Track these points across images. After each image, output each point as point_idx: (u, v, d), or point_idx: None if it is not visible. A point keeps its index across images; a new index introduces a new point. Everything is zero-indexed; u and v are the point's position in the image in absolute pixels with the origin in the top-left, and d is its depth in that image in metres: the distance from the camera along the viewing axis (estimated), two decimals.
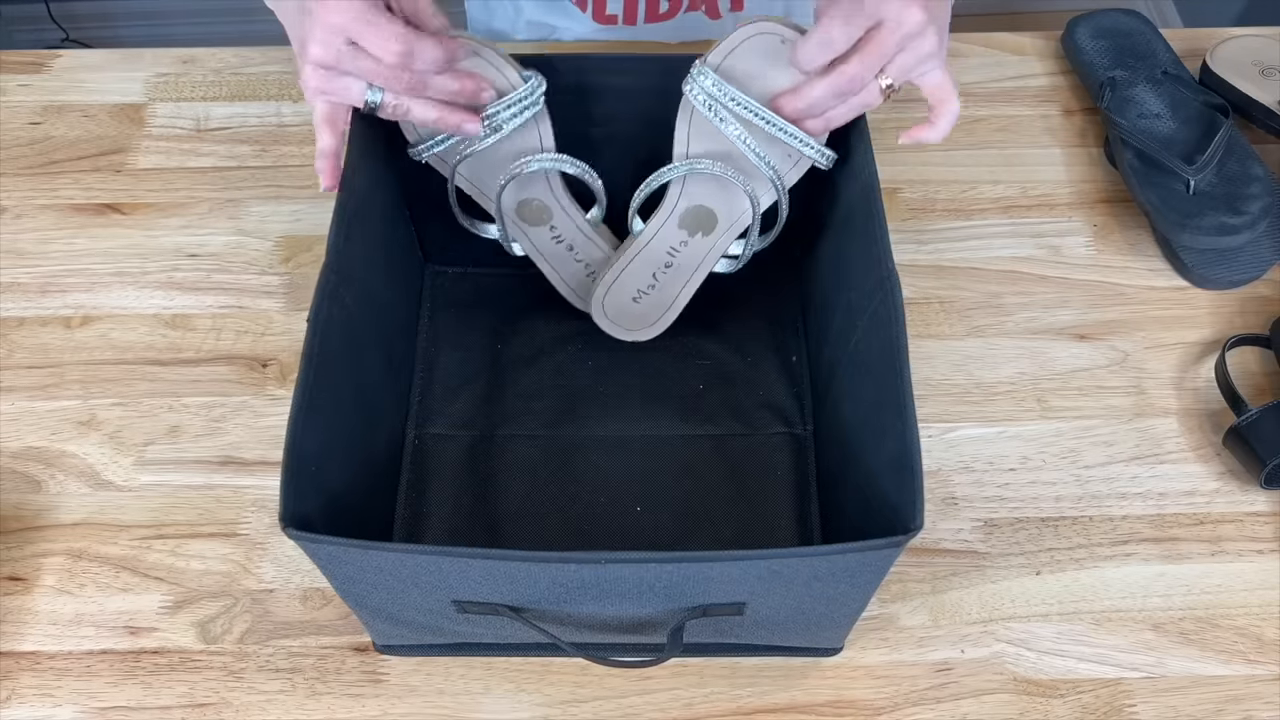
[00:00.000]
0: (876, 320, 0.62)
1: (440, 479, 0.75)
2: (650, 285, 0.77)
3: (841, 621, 0.65)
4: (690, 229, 0.74)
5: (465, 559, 0.54)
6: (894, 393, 0.58)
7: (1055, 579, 0.73)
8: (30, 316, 0.83)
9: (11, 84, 0.95)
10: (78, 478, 0.76)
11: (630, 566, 0.54)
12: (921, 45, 0.64)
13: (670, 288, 0.77)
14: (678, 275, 0.77)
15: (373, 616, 0.64)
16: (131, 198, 0.89)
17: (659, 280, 0.77)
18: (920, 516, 0.54)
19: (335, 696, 0.68)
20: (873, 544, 0.53)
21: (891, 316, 0.60)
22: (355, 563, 0.56)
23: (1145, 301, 0.85)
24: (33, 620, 0.71)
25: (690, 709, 0.68)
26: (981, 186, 0.91)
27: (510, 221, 0.76)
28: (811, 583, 0.57)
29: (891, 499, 0.58)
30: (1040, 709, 0.68)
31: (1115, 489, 0.76)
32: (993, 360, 0.82)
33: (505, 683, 0.69)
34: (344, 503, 0.63)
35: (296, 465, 0.56)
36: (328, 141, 0.66)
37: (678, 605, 0.59)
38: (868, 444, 0.63)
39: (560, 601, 0.58)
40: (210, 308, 0.83)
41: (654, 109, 0.71)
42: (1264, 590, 0.72)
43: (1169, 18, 2.05)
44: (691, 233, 0.74)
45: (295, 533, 0.53)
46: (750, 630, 0.64)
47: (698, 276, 0.77)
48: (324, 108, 0.66)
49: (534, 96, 0.68)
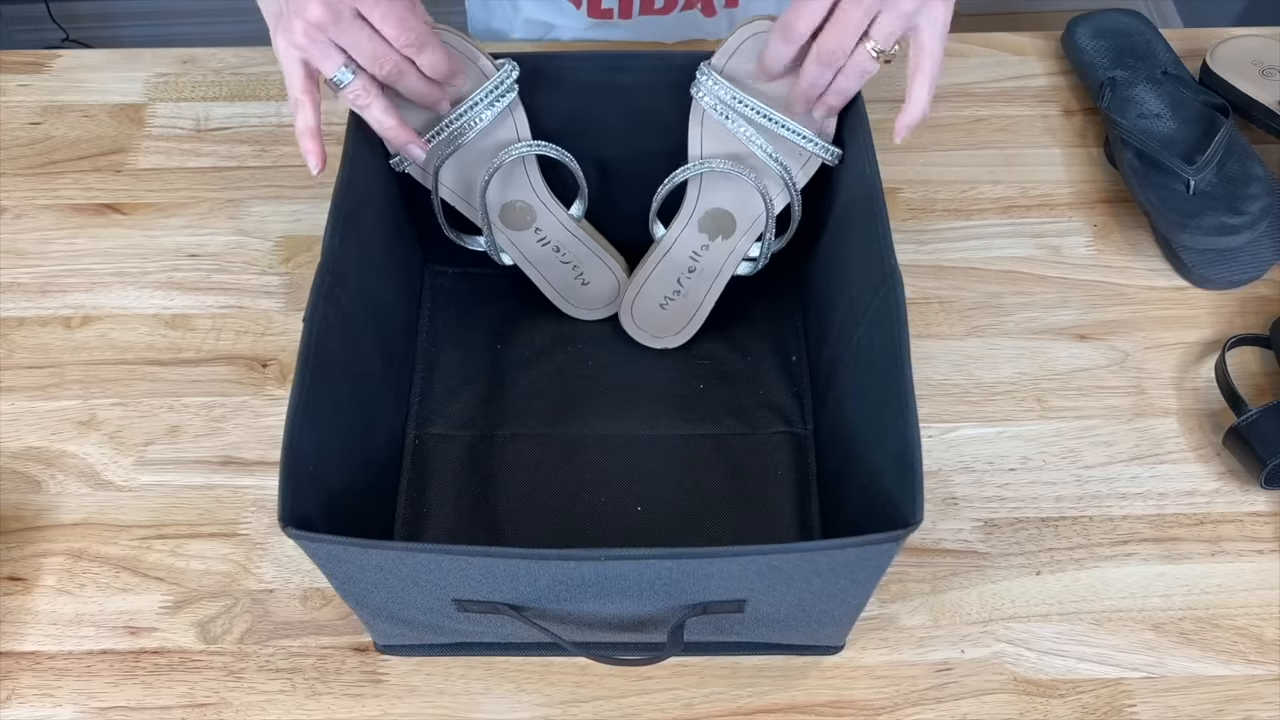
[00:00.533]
0: (879, 317, 0.62)
1: (441, 479, 0.75)
2: (675, 291, 0.77)
3: (842, 619, 0.65)
4: (710, 233, 0.74)
5: (465, 557, 0.54)
6: (896, 390, 0.58)
7: (1055, 579, 0.73)
8: (30, 316, 0.83)
9: (11, 84, 0.95)
10: (78, 478, 0.76)
11: (630, 564, 0.54)
12: (901, 4, 0.63)
13: (695, 293, 0.77)
14: (701, 280, 0.77)
15: (373, 616, 0.64)
16: (131, 198, 0.89)
17: (684, 286, 0.77)
18: (920, 511, 0.54)
19: (335, 697, 0.68)
20: (872, 538, 0.53)
21: (894, 314, 0.60)
22: (355, 562, 0.56)
23: (1145, 301, 0.85)
24: (33, 620, 0.71)
25: (690, 709, 0.68)
26: (981, 186, 0.91)
27: (496, 230, 0.76)
28: (812, 579, 0.57)
29: (893, 495, 0.58)
30: (1040, 709, 0.68)
31: (1115, 489, 0.76)
32: (993, 360, 0.82)
33: (505, 683, 0.69)
34: (343, 502, 0.63)
35: (294, 465, 0.56)
36: (308, 117, 0.66)
37: (678, 603, 0.59)
38: (869, 441, 0.63)
39: (561, 600, 0.58)
40: (210, 308, 0.83)
41: (641, 105, 0.72)
42: (1264, 590, 0.72)
43: (1169, 18, 2.05)
44: (711, 236, 0.74)
45: (295, 532, 0.53)
46: (751, 628, 0.64)
47: (720, 280, 0.77)
48: (299, 77, 0.65)
49: (508, 83, 0.69)
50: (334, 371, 0.62)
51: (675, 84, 0.71)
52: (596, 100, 0.73)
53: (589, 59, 0.73)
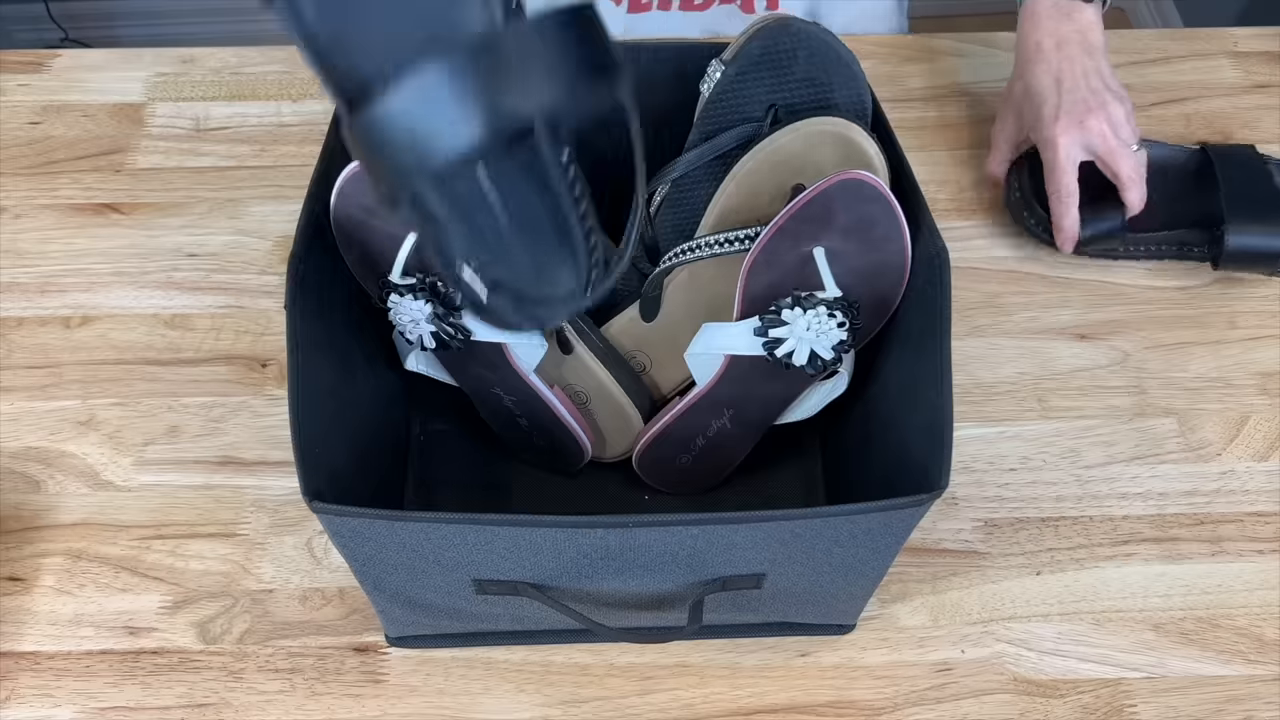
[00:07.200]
0: (921, 296, 0.62)
1: (447, 473, 0.75)
2: None
3: (858, 594, 0.66)
4: None
5: (491, 526, 0.53)
6: (933, 365, 0.58)
7: (1055, 579, 0.73)
8: (30, 316, 0.83)
9: (11, 84, 0.95)
10: (77, 478, 0.76)
11: (655, 531, 0.54)
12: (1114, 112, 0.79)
13: None
14: None
15: (390, 602, 0.63)
16: (131, 197, 0.89)
17: None
18: (947, 477, 0.54)
19: (335, 697, 0.68)
20: (898, 502, 0.54)
21: (938, 292, 0.60)
22: (378, 538, 0.56)
23: (1145, 301, 0.85)
24: (32, 620, 0.71)
25: (690, 709, 0.68)
26: (982, 186, 0.91)
27: None
28: (833, 549, 0.57)
29: (920, 462, 0.58)
30: (1040, 709, 0.68)
31: (1116, 489, 0.76)
32: (993, 360, 0.82)
33: (505, 683, 0.69)
34: (354, 491, 0.62)
35: (304, 444, 0.55)
36: None
37: (698, 577, 0.59)
38: (898, 418, 0.63)
39: (582, 577, 0.58)
40: (210, 308, 0.83)
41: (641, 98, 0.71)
42: (1264, 590, 0.72)
43: (1169, 18, 2.04)
44: None
45: (321, 505, 0.53)
46: (768, 605, 0.65)
47: None
48: None
49: None
50: (320, 357, 0.62)
51: (676, 76, 0.70)
52: None
53: None
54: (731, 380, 0.67)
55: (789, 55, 0.65)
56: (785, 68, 0.66)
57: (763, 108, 0.67)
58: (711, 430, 0.71)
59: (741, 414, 0.70)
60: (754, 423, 0.71)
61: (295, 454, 0.54)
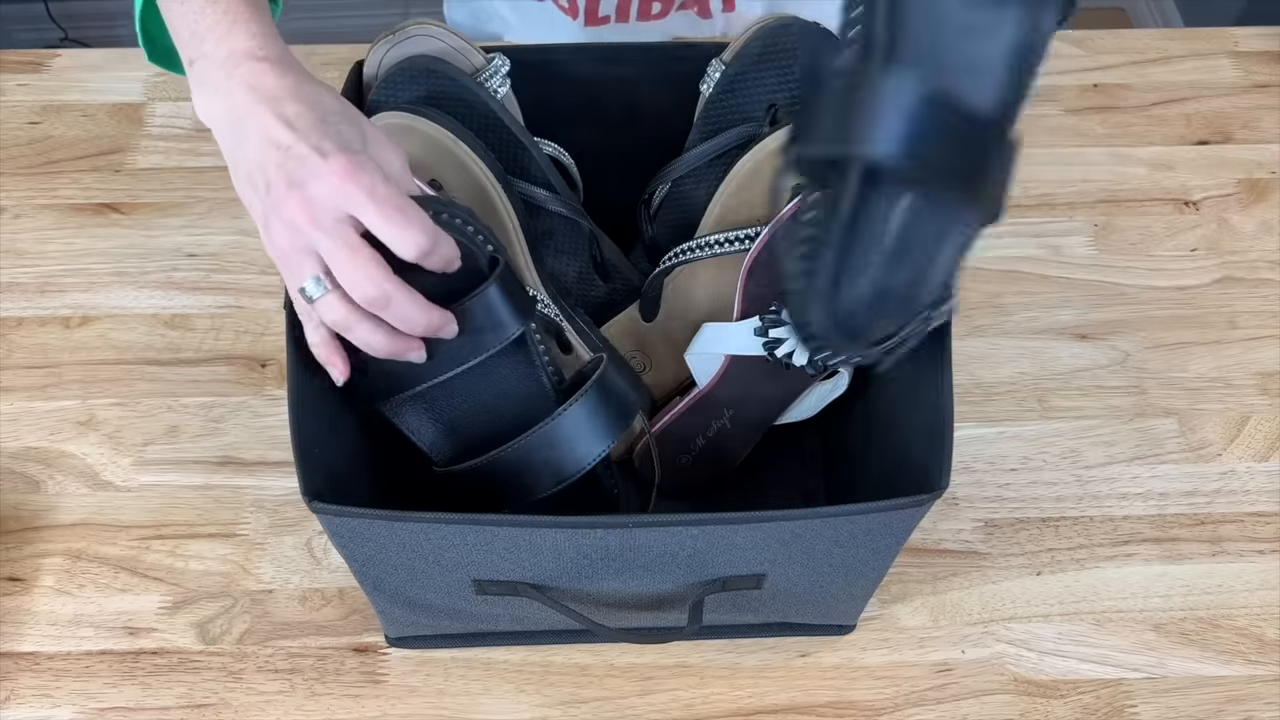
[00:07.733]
0: None
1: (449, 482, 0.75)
2: None
3: (858, 594, 0.65)
4: None
5: (491, 527, 0.53)
6: (933, 364, 0.58)
7: (1056, 579, 0.73)
8: (29, 316, 0.83)
9: (11, 84, 0.95)
10: (77, 478, 0.76)
11: (655, 531, 0.54)
12: None
13: None
14: None
15: (389, 603, 0.63)
16: (131, 197, 0.89)
17: None
18: (947, 478, 0.54)
19: (335, 697, 0.68)
20: (898, 502, 0.54)
21: None
22: (378, 538, 0.56)
23: (1146, 301, 0.85)
24: (31, 621, 0.70)
25: (690, 710, 0.68)
26: None
27: None
28: (833, 549, 0.57)
29: (920, 462, 0.58)
30: (1041, 709, 0.68)
31: (1116, 489, 0.76)
32: (993, 360, 0.82)
33: (505, 683, 0.69)
34: (354, 497, 0.62)
35: (304, 444, 0.55)
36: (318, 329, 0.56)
37: (698, 578, 0.59)
38: (902, 416, 0.63)
39: (582, 577, 0.58)
40: (209, 307, 0.83)
41: (639, 99, 0.71)
42: (1265, 591, 0.72)
43: (1169, 17, 2.04)
44: None
45: (321, 505, 0.53)
46: (768, 605, 0.65)
47: None
48: None
49: (500, 75, 0.68)
50: None
51: (672, 76, 0.70)
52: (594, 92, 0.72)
53: (586, 50, 0.73)
54: (731, 380, 0.67)
55: (789, 55, 0.65)
56: (785, 67, 0.66)
57: (763, 107, 0.67)
58: (711, 430, 0.71)
59: (741, 414, 0.70)
60: (754, 423, 0.71)
61: (295, 454, 0.54)
